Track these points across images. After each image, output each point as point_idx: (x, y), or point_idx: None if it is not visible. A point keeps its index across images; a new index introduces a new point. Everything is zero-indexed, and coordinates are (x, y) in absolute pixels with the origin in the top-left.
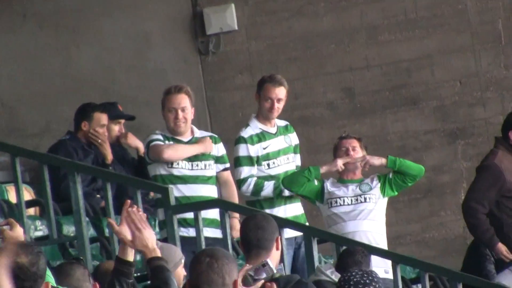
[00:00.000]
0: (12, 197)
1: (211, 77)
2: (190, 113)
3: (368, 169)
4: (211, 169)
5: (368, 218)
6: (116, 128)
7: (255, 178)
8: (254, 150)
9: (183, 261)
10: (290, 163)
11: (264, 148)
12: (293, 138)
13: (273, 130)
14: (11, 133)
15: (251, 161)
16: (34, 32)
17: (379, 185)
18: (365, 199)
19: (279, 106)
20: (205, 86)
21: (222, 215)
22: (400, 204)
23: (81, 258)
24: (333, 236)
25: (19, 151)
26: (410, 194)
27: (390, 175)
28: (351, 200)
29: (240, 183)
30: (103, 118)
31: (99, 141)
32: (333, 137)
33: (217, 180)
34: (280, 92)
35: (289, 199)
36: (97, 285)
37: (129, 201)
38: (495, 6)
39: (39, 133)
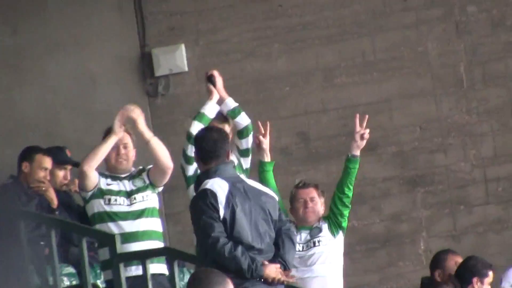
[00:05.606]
0: None
1: (160, 120)
2: (132, 151)
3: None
4: (149, 199)
5: (319, 262)
6: (61, 174)
7: None
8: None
9: None
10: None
11: None
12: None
13: None
14: None
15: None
16: None
17: (326, 225)
18: (314, 243)
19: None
20: (154, 129)
21: (170, 265)
22: (357, 254)
23: None
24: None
25: None
26: (367, 243)
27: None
28: (302, 247)
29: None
30: (45, 161)
31: (43, 189)
32: (287, 183)
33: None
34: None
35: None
36: None
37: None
38: (457, 49)
39: None
